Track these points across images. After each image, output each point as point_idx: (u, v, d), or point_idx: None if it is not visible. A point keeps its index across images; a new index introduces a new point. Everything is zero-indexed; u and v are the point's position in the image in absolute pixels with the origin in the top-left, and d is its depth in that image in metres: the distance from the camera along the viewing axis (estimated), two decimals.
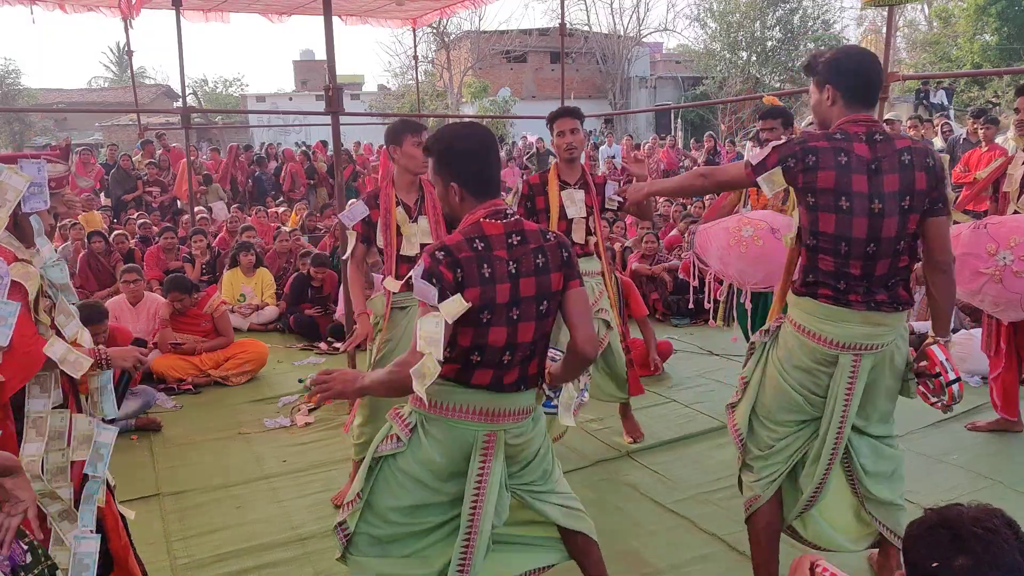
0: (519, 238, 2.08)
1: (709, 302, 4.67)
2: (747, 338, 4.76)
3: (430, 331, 1.95)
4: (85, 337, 2.25)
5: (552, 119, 3.78)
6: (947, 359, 2.43)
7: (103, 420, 2.28)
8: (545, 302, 2.09)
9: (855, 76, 2.33)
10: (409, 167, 3.35)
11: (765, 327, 2.65)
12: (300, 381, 5.21)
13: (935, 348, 2.44)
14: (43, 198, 2.07)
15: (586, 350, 2.12)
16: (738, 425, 2.61)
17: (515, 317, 2.04)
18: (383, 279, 3.43)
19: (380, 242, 3.38)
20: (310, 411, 4.83)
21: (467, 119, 27.32)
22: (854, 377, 2.38)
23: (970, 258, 3.40)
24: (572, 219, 3.77)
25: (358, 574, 2.17)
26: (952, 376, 2.43)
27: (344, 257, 3.49)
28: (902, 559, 1.39)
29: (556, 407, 2.36)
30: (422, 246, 3.37)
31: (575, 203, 3.77)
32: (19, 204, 2.02)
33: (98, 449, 2.20)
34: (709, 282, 4.66)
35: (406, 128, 3.34)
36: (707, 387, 5.08)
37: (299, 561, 3.09)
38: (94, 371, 2.23)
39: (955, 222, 2.97)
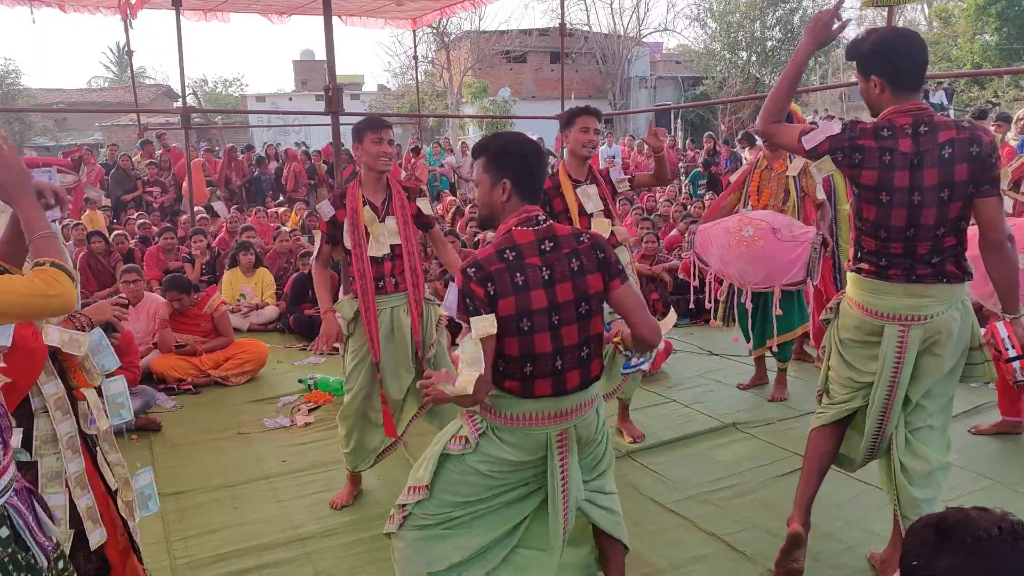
0: (551, 244, 2.12)
1: (710, 302, 4.68)
2: (747, 338, 4.77)
3: (470, 352, 2.03)
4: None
5: (575, 115, 3.74)
6: (1009, 336, 2.47)
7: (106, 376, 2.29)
8: (585, 304, 2.12)
9: (899, 64, 2.35)
10: (370, 164, 3.32)
11: (830, 304, 2.76)
12: (300, 381, 5.23)
13: (999, 324, 2.50)
14: (57, 210, 2.05)
15: (648, 338, 2.20)
16: (819, 384, 2.84)
17: (556, 322, 2.08)
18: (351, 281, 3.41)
19: (348, 243, 3.32)
20: (310, 411, 4.83)
21: (467, 118, 27.28)
22: (902, 347, 2.48)
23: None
24: (591, 214, 3.75)
25: (400, 548, 2.23)
26: (1012, 353, 2.46)
27: (312, 256, 3.47)
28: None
29: (634, 366, 2.60)
30: (392, 247, 3.36)
31: (591, 198, 3.75)
32: None
33: (115, 399, 2.20)
34: (709, 282, 4.66)
35: (367, 126, 3.30)
36: (707, 387, 5.08)
37: (299, 561, 3.09)
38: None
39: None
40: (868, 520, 3.24)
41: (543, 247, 2.11)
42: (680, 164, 14.27)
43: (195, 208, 9.96)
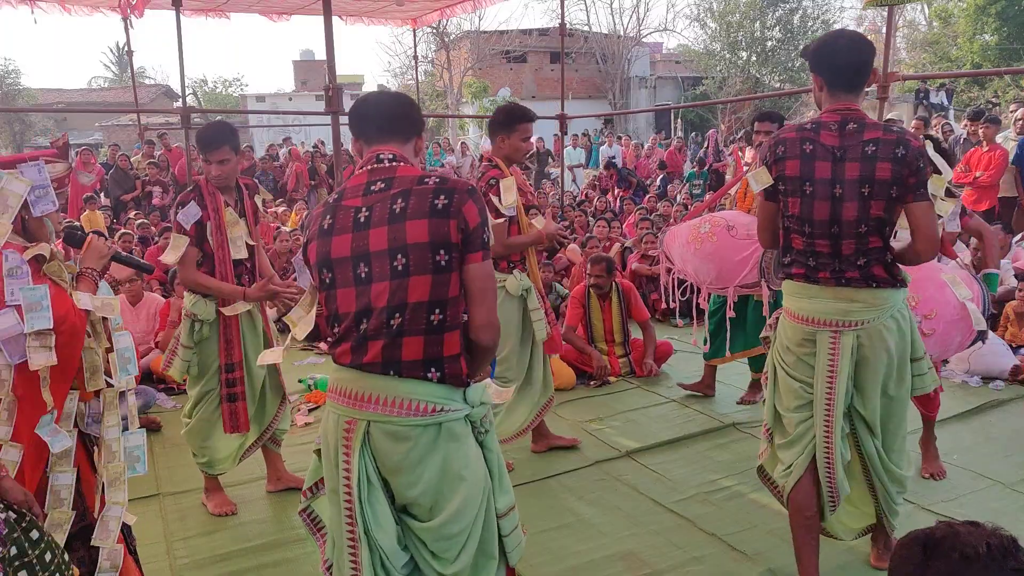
0: (383, 184, 1.78)
1: (674, 301, 4.55)
2: (713, 354, 4.67)
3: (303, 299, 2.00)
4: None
5: (517, 120, 3.56)
6: None
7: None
8: (401, 257, 1.71)
9: (834, 64, 2.39)
10: (210, 181, 3.26)
11: (769, 321, 2.71)
12: (300, 381, 5.23)
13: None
14: (51, 199, 2.07)
15: (477, 337, 1.79)
16: (765, 418, 2.70)
17: (364, 276, 1.75)
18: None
19: (211, 245, 3.24)
20: (310, 411, 4.83)
21: (467, 118, 27.18)
22: (835, 355, 2.44)
23: None
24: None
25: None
26: None
27: (168, 260, 3.24)
28: None
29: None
30: (249, 247, 3.33)
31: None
32: (27, 208, 2.03)
33: (123, 354, 2.21)
34: (671, 280, 4.52)
35: (197, 142, 3.28)
36: None
37: (299, 561, 3.09)
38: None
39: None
40: None
41: (372, 187, 1.78)
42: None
43: None
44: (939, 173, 2.60)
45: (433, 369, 1.74)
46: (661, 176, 13.07)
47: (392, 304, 1.71)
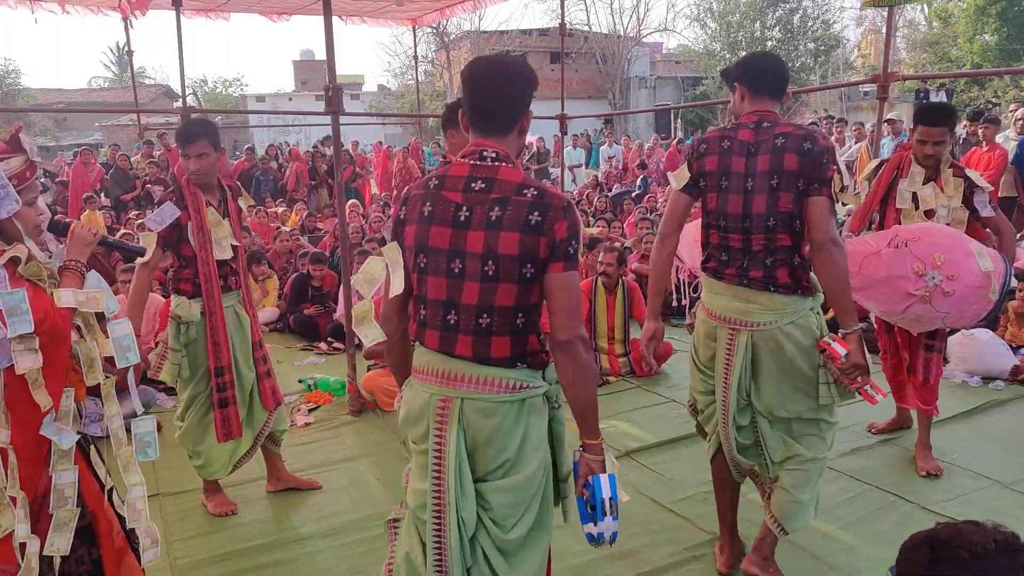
0: (484, 184, 1.82)
1: (686, 298, 4.58)
2: None
3: (369, 270, 2.02)
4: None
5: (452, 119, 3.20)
6: (844, 349, 2.47)
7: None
8: (492, 264, 1.79)
9: (759, 72, 2.58)
10: (188, 177, 3.22)
11: (694, 309, 2.84)
12: (300, 381, 5.23)
13: (826, 339, 2.51)
14: (13, 199, 2.00)
15: (555, 336, 1.84)
16: (689, 396, 2.93)
17: (457, 271, 1.82)
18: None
19: (194, 246, 3.19)
20: (310, 411, 4.83)
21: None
22: (731, 351, 2.60)
23: (900, 280, 3.28)
24: None
25: None
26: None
27: (141, 261, 3.07)
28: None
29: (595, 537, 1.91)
30: (233, 248, 3.31)
31: None
32: None
33: (121, 342, 2.15)
34: (682, 279, 4.57)
35: (177, 137, 3.23)
36: None
37: (299, 561, 3.10)
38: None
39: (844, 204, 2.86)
40: (868, 520, 3.24)
41: (473, 185, 1.82)
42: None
43: None
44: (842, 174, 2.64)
45: (519, 363, 1.87)
46: (642, 176, 13.08)
47: (481, 304, 1.82)
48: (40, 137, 31.23)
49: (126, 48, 11.54)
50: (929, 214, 3.56)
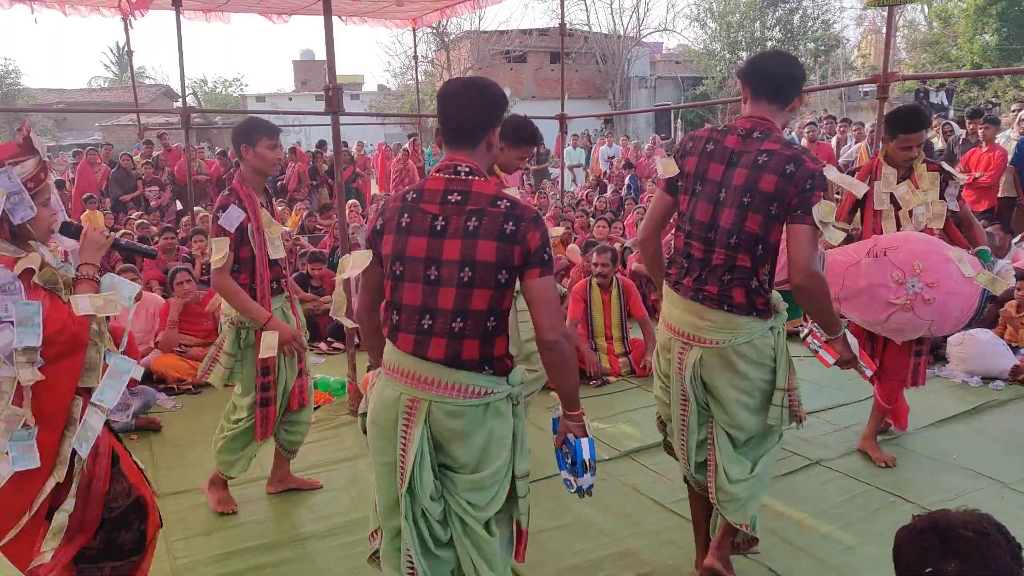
0: (460, 196, 1.95)
1: None
2: None
3: (342, 265, 2.18)
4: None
5: (530, 142, 3.54)
6: (832, 358, 2.49)
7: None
8: (468, 271, 1.92)
9: (763, 72, 2.47)
10: (261, 169, 3.22)
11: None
12: None
13: (813, 345, 2.53)
14: (28, 204, 2.01)
15: (541, 340, 1.98)
16: (658, 407, 2.85)
17: (433, 278, 1.94)
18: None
19: (253, 246, 3.19)
20: None
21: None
22: (681, 364, 2.53)
23: (880, 289, 3.26)
24: None
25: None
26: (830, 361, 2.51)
27: (216, 266, 3.13)
28: (894, 565, 1.37)
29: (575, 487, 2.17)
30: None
31: None
32: (6, 216, 1.99)
33: (116, 372, 2.16)
34: None
35: (262, 129, 3.19)
36: None
37: (299, 561, 3.10)
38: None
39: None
40: (868, 520, 3.24)
41: (449, 197, 1.95)
42: None
43: (195, 208, 9.95)
44: (835, 196, 2.60)
45: (487, 366, 1.99)
46: (629, 176, 13.07)
47: (456, 308, 1.93)
48: (40, 137, 31.20)
49: (126, 48, 11.55)
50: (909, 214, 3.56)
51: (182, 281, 5.65)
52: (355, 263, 2.12)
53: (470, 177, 1.97)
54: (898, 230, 3.56)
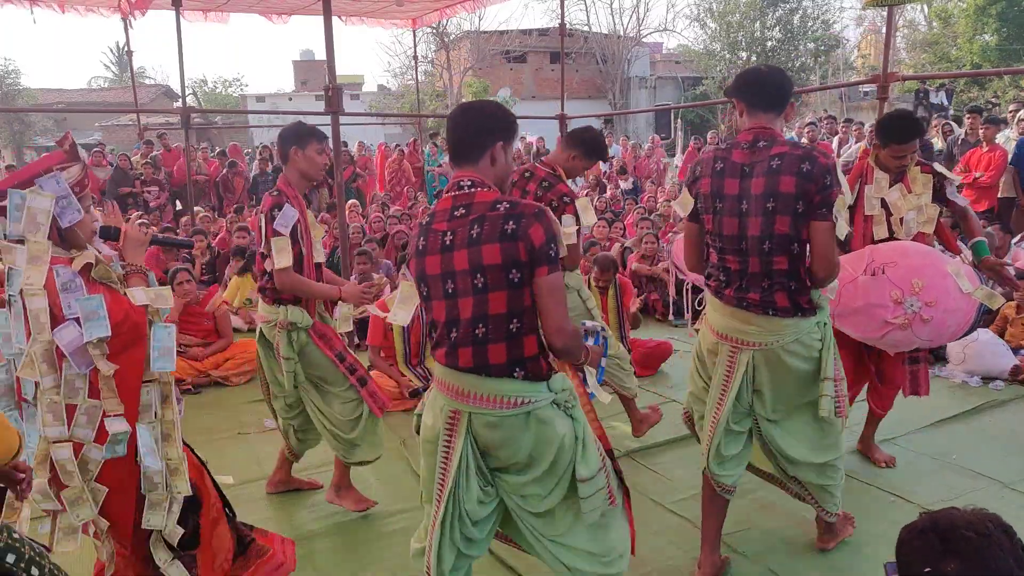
0: (464, 210, 2.02)
1: (688, 311, 4.60)
2: None
3: (404, 290, 2.35)
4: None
5: (599, 155, 3.75)
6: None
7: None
8: (480, 276, 1.96)
9: (753, 83, 2.53)
10: (308, 172, 3.21)
11: (698, 324, 2.90)
12: None
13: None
14: (75, 208, 2.08)
15: (549, 340, 2.01)
16: (685, 404, 2.94)
17: (451, 291, 2.01)
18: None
19: (302, 247, 3.16)
20: None
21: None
22: (731, 368, 2.58)
23: (878, 309, 3.24)
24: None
25: None
26: None
27: (281, 267, 3.06)
28: (895, 563, 1.37)
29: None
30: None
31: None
32: (56, 221, 2.05)
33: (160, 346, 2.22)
34: (686, 290, 4.61)
35: (312, 134, 3.20)
36: None
37: (299, 561, 3.08)
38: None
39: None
40: (868, 520, 3.24)
41: (455, 212, 2.03)
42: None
43: (195, 208, 9.96)
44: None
45: (518, 369, 2.00)
46: (632, 179, 13.02)
47: (475, 315, 1.98)
48: (40, 137, 31.22)
49: (126, 48, 11.56)
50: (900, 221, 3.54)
51: (182, 281, 5.63)
52: (402, 297, 2.30)
53: (473, 190, 2.03)
54: (890, 235, 3.52)
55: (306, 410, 3.41)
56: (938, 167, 3.54)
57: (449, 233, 2.01)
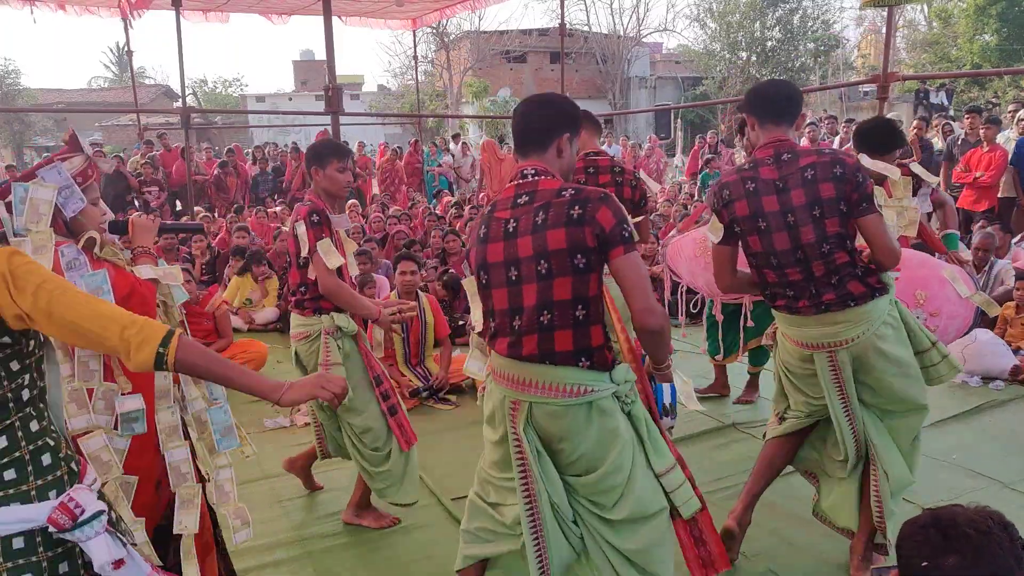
0: (527, 197, 2.03)
1: (682, 315, 4.61)
2: (716, 350, 4.71)
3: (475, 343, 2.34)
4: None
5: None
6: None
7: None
8: (544, 262, 1.95)
9: (762, 97, 2.60)
10: (331, 191, 3.12)
11: (769, 331, 2.88)
12: None
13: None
14: (78, 196, 2.08)
15: (639, 321, 1.95)
16: (776, 408, 2.95)
17: (515, 278, 2.01)
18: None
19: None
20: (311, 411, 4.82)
21: (467, 118, 27.22)
22: (836, 370, 2.59)
23: None
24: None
25: None
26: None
27: (333, 266, 3.00)
28: (896, 558, 1.38)
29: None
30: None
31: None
32: (60, 211, 2.04)
33: (129, 415, 2.12)
34: (681, 293, 4.62)
35: (332, 152, 3.13)
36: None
37: (299, 561, 3.09)
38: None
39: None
40: None
41: (519, 200, 2.03)
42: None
43: (195, 208, 9.97)
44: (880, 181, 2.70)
45: (583, 358, 1.98)
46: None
47: (540, 302, 1.96)
48: (40, 137, 31.23)
49: (126, 48, 11.56)
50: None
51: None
52: (468, 291, 2.27)
53: (537, 178, 2.04)
54: None
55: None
56: (915, 167, 3.56)
57: (512, 220, 2.01)
